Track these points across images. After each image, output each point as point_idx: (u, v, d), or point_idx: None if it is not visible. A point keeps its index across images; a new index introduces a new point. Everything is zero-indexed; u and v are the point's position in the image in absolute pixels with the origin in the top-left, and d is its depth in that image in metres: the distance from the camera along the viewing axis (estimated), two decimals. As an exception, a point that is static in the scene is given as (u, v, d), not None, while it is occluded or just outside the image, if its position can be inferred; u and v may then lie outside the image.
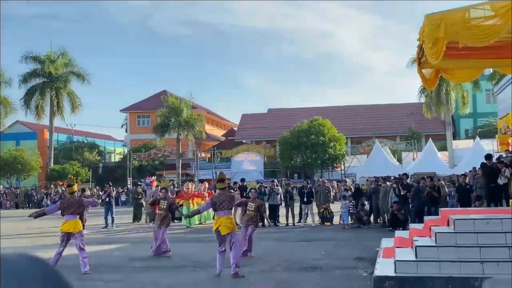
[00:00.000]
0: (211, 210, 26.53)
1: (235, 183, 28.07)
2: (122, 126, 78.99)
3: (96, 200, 19.72)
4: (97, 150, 69.71)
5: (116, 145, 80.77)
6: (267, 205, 23.76)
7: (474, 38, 9.51)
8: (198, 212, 15.55)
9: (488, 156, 18.72)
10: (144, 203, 28.39)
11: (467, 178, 21.36)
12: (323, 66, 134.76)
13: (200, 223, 25.20)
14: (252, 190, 16.03)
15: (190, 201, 24.99)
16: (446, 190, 21.49)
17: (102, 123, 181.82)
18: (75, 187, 13.62)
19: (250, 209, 14.61)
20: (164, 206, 15.37)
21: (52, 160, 58.38)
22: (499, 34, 9.19)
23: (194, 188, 27.44)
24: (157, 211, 15.89)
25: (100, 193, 43.94)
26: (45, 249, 16.85)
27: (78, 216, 12.95)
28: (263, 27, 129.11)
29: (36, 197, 51.37)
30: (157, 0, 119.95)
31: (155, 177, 41.54)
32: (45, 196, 51.05)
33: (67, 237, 12.60)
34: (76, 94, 58.65)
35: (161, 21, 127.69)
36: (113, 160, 74.49)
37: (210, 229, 23.06)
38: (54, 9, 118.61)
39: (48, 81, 56.76)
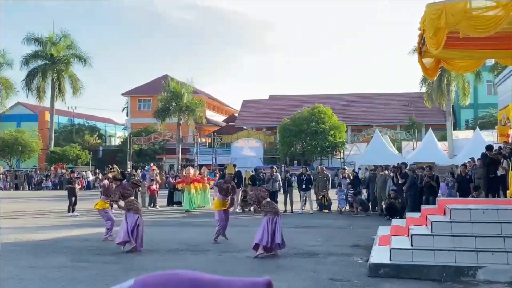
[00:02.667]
0: (209, 196, 26.81)
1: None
2: (123, 109, 79.02)
3: None
4: (97, 133, 69.83)
5: (116, 129, 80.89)
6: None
7: (475, 28, 9.53)
8: None
9: (489, 147, 18.73)
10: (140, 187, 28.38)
11: (467, 168, 21.41)
12: (325, 52, 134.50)
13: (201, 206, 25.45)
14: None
15: (191, 185, 25.05)
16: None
17: (103, 107, 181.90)
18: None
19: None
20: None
21: (52, 142, 58.51)
22: (500, 25, 9.21)
23: (197, 173, 27.25)
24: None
25: (100, 176, 44.01)
26: (43, 230, 17.00)
27: None
28: (266, 13, 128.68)
29: (35, 179, 51.51)
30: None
31: (155, 164, 41.71)
32: (44, 178, 51.24)
33: None
34: (77, 76, 58.75)
35: (163, 5, 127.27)
36: (113, 144, 74.58)
37: (208, 214, 23.23)
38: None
39: (50, 63, 56.79)
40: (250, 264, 11.24)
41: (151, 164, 38.37)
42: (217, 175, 29.29)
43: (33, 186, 50.42)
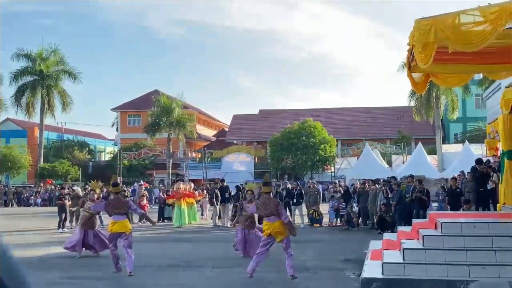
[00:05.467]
0: (197, 211, 26.76)
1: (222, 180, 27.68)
2: (113, 125, 78.84)
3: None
4: (87, 149, 69.52)
5: (106, 144, 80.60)
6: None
7: (463, 43, 9.59)
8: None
9: (479, 161, 18.84)
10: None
11: (457, 182, 21.48)
12: (315, 68, 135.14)
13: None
14: (249, 192, 16.07)
15: (182, 200, 24.95)
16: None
17: (93, 122, 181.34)
18: (120, 188, 13.86)
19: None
20: None
21: (42, 158, 58.18)
22: (488, 39, 9.28)
23: (190, 189, 26.98)
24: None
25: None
26: (33, 246, 16.86)
27: (125, 216, 12.44)
28: (256, 29, 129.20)
29: (25, 195, 51.15)
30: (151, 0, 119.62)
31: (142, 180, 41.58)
32: (34, 194, 50.87)
33: (116, 237, 12.07)
34: (67, 92, 58.52)
35: (154, 21, 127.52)
36: (103, 159, 74.27)
37: (199, 229, 23.14)
38: (47, 7, 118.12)
39: (39, 79, 56.56)
40: (244, 280, 11.20)
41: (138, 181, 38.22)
42: (205, 191, 29.07)
43: (22, 202, 50.04)
